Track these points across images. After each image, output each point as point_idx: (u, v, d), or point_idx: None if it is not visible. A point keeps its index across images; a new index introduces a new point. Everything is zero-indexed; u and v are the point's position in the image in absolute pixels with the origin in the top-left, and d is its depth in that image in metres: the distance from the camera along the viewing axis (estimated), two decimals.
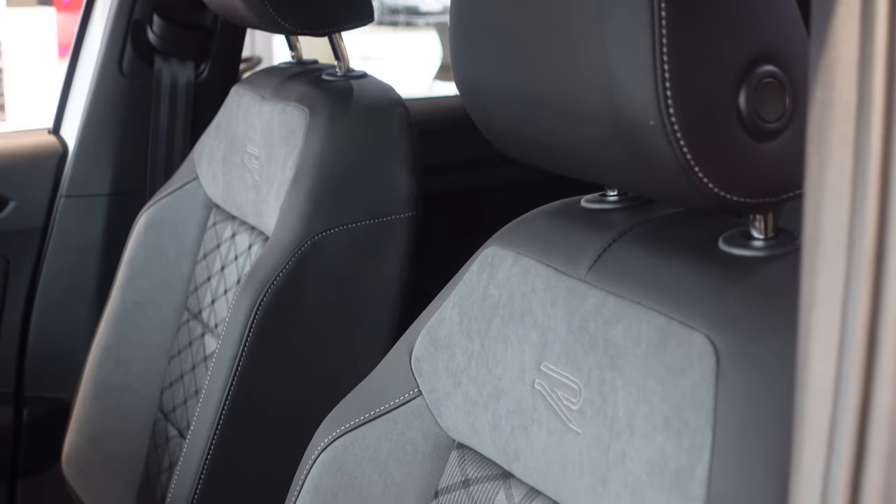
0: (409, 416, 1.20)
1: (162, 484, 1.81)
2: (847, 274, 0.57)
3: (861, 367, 0.57)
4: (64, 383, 2.13)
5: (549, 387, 1.04)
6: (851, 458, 0.56)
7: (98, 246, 2.22)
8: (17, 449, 2.19)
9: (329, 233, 1.61)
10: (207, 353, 1.81)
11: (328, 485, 1.20)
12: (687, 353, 0.92)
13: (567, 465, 1.01)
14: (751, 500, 0.84)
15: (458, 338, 1.16)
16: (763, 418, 0.86)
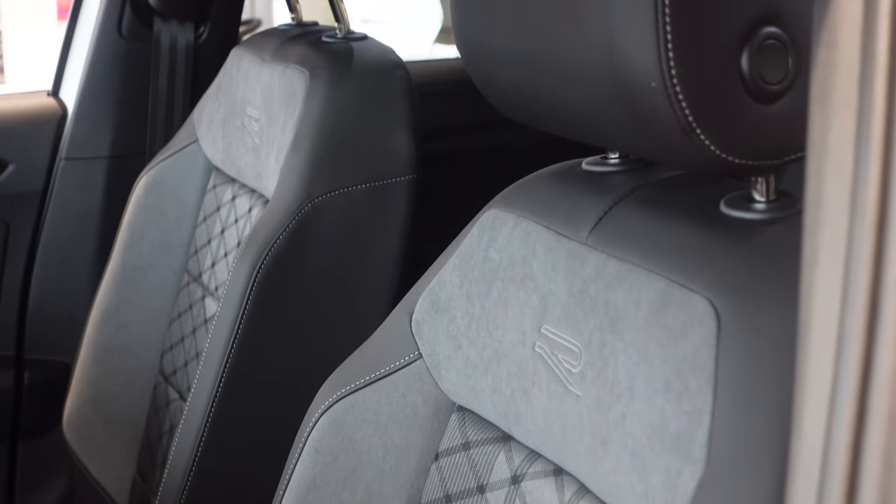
0: (409, 378, 1.20)
1: (163, 446, 1.81)
2: (849, 235, 0.57)
3: (863, 329, 0.56)
4: (64, 346, 2.13)
5: (549, 350, 1.04)
6: (853, 420, 0.56)
7: (98, 209, 2.21)
8: (18, 412, 2.20)
9: (329, 196, 1.61)
10: (208, 315, 1.81)
11: (328, 447, 1.20)
12: (688, 316, 0.92)
13: (567, 428, 1.01)
14: (751, 463, 0.84)
15: (458, 301, 1.16)
16: (764, 380, 0.86)
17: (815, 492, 0.58)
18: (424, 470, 1.19)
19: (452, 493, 1.16)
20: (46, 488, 2.21)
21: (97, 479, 1.91)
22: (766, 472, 0.82)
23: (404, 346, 1.21)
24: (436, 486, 1.18)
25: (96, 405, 1.93)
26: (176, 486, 1.60)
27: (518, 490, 1.09)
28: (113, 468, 1.92)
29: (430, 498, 1.18)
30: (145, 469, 1.85)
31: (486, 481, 1.12)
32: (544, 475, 1.07)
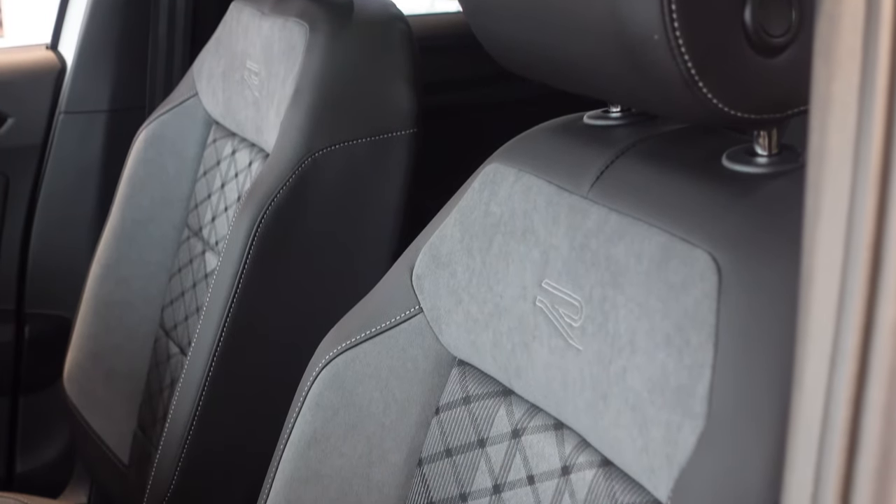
0: (409, 333, 1.20)
1: (163, 400, 1.81)
2: (852, 189, 0.57)
3: (865, 283, 0.56)
4: (64, 301, 2.14)
5: (550, 304, 1.04)
6: (854, 374, 0.56)
7: (97, 163, 2.21)
8: (19, 366, 2.20)
9: (329, 150, 1.60)
10: (208, 270, 1.80)
11: (329, 401, 1.20)
12: (689, 271, 0.91)
13: (568, 382, 1.01)
14: (752, 418, 0.84)
15: (459, 255, 1.16)
16: (765, 335, 0.86)
17: (816, 446, 0.58)
18: (425, 424, 1.19)
19: (453, 446, 1.16)
20: (47, 442, 2.22)
21: (98, 432, 1.91)
22: (767, 427, 0.82)
23: (405, 301, 1.21)
24: (436, 440, 1.18)
25: (97, 359, 1.94)
26: (177, 439, 1.61)
27: (518, 444, 1.09)
28: (113, 422, 1.92)
29: (430, 452, 1.18)
30: (146, 423, 1.86)
31: (487, 435, 1.13)
32: (545, 429, 1.07)
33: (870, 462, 0.56)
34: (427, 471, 1.18)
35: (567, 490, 1.02)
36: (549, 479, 1.05)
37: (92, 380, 1.94)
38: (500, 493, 1.10)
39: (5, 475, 2.20)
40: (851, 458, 0.56)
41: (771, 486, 0.81)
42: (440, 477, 1.16)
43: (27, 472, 2.21)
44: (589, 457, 1.01)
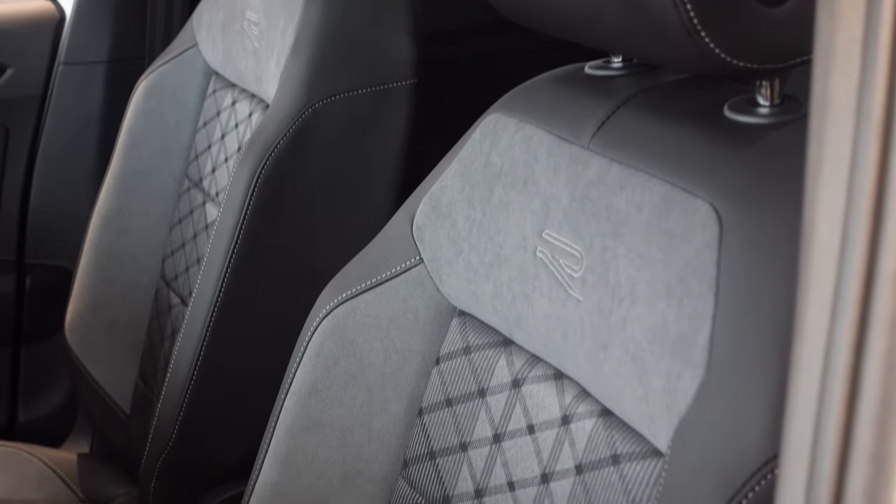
0: (410, 283, 1.20)
1: (164, 351, 1.82)
2: (855, 138, 0.57)
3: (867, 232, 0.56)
4: (65, 251, 2.13)
5: (550, 254, 1.04)
6: (855, 323, 0.56)
7: (97, 114, 2.20)
8: (20, 316, 2.20)
9: (330, 100, 1.60)
10: (208, 221, 1.80)
11: (330, 351, 1.21)
12: (690, 221, 0.91)
13: (568, 333, 1.02)
14: (752, 367, 0.84)
15: (459, 206, 1.16)
16: (766, 285, 0.86)
17: (817, 394, 0.58)
18: (425, 374, 1.20)
19: (453, 396, 1.16)
20: (49, 392, 2.23)
21: (99, 382, 1.92)
22: (767, 376, 0.83)
23: (405, 251, 1.21)
24: (437, 390, 1.18)
25: (98, 310, 1.94)
26: (178, 389, 1.61)
27: (518, 394, 1.09)
28: (115, 372, 1.93)
29: (430, 401, 1.19)
30: (147, 373, 1.86)
31: (487, 385, 1.13)
32: (545, 379, 1.07)
33: (870, 410, 0.56)
34: (427, 420, 1.19)
35: (567, 439, 1.03)
36: (549, 429, 1.05)
37: (93, 330, 1.94)
38: (500, 442, 1.10)
39: (8, 425, 2.21)
40: (852, 406, 0.56)
41: (771, 435, 0.81)
42: (440, 426, 1.17)
43: (29, 422, 2.21)
44: (589, 406, 1.02)
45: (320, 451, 1.21)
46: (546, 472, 1.05)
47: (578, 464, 1.01)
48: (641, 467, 0.95)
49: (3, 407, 2.21)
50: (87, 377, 1.92)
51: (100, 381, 1.92)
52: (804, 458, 0.58)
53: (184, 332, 1.62)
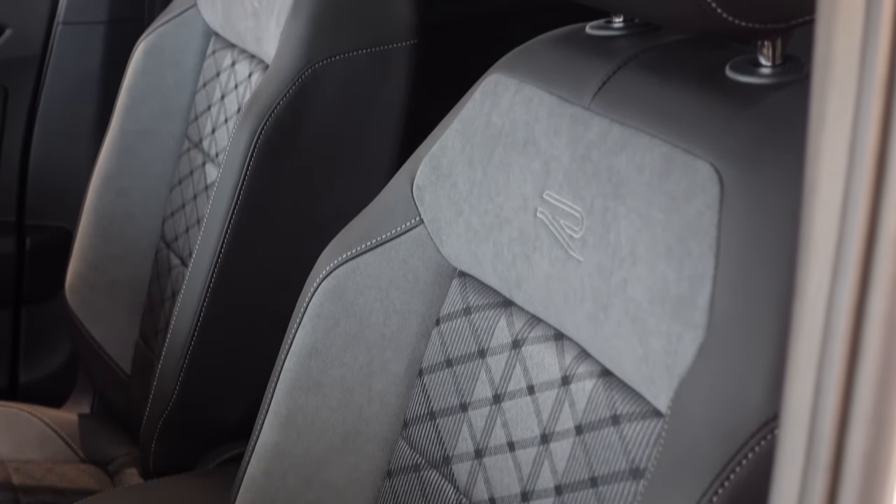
0: (410, 244, 1.20)
1: (165, 312, 1.82)
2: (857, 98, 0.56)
3: (869, 192, 0.56)
4: (65, 212, 2.13)
5: (551, 215, 1.04)
6: (856, 283, 0.56)
7: (97, 74, 2.19)
8: (20, 277, 2.20)
9: (329, 61, 1.59)
10: (208, 182, 1.80)
11: (330, 312, 1.21)
12: (691, 181, 0.91)
13: (568, 293, 1.01)
14: (753, 328, 0.84)
15: (460, 166, 1.15)
16: (767, 246, 0.86)
17: (817, 355, 0.58)
18: (425, 335, 1.20)
19: (453, 357, 1.16)
20: (50, 353, 2.23)
21: (100, 343, 1.92)
22: (768, 337, 0.83)
23: (406, 212, 1.20)
24: (437, 351, 1.18)
25: (98, 271, 1.94)
26: (178, 350, 1.61)
27: (519, 354, 1.09)
28: (115, 333, 1.93)
29: (431, 362, 1.19)
30: (148, 334, 1.86)
31: (487, 346, 1.13)
32: (545, 340, 1.07)
33: (871, 371, 0.56)
34: (427, 381, 1.19)
35: (567, 400, 1.03)
36: (549, 389, 1.05)
37: (94, 291, 1.94)
38: (500, 402, 1.10)
39: (9, 385, 2.22)
40: (852, 367, 0.56)
41: (771, 395, 0.81)
42: (440, 387, 1.17)
43: (30, 383, 2.22)
44: (589, 367, 1.02)
45: (320, 411, 1.21)
46: (546, 432, 1.05)
47: (578, 424, 1.01)
48: (641, 427, 0.95)
49: (4, 368, 2.21)
50: (88, 338, 1.93)
51: (100, 342, 1.92)
52: (804, 418, 0.58)
53: (184, 293, 1.62)
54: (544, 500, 1.03)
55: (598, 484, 0.98)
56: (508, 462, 1.08)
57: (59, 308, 2.01)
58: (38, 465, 1.84)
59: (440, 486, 1.16)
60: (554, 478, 1.03)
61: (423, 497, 1.17)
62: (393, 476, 1.22)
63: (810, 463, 0.58)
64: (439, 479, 1.16)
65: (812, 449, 0.58)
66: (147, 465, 1.70)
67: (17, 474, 1.80)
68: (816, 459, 0.58)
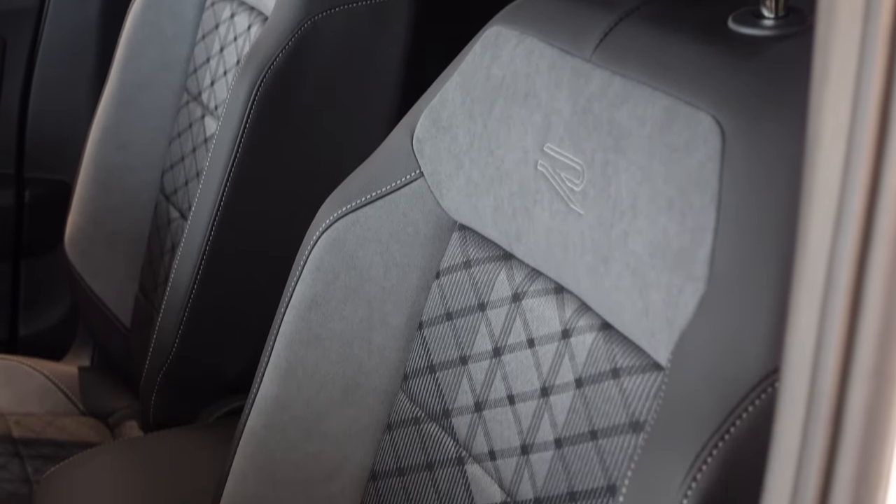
0: (410, 197, 1.19)
1: (164, 265, 1.82)
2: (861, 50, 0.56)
3: (872, 144, 0.56)
4: (64, 165, 2.13)
5: (551, 168, 1.03)
6: (858, 236, 0.56)
7: (95, 25, 2.18)
8: (20, 230, 2.20)
9: (329, 13, 1.58)
10: (208, 134, 1.79)
11: (329, 265, 1.20)
12: (692, 133, 0.91)
13: (568, 246, 1.01)
14: (754, 280, 0.84)
15: (460, 119, 1.15)
16: (768, 198, 0.85)
17: (818, 308, 0.57)
18: (425, 288, 1.20)
19: (453, 310, 1.16)
20: (50, 305, 2.23)
21: (99, 296, 1.92)
22: (769, 290, 0.83)
23: (405, 165, 1.20)
24: (437, 304, 1.18)
25: (97, 224, 1.93)
26: (178, 303, 1.61)
27: (519, 308, 1.09)
28: (115, 286, 1.93)
29: (431, 315, 1.19)
30: (147, 287, 1.86)
31: (487, 299, 1.13)
32: (545, 293, 1.07)
33: (872, 324, 0.56)
34: (427, 334, 1.19)
35: (567, 353, 1.03)
36: (549, 343, 1.05)
37: (93, 244, 1.94)
38: (500, 356, 1.10)
39: (8, 338, 2.22)
40: (854, 321, 0.56)
41: (771, 349, 0.81)
42: (440, 340, 1.17)
43: (30, 335, 2.22)
44: (589, 320, 1.02)
45: (320, 364, 1.21)
46: (546, 385, 1.05)
47: (578, 377, 1.01)
48: (641, 381, 0.95)
49: (3, 321, 2.21)
50: (88, 291, 1.93)
51: (100, 295, 1.92)
52: (805, 372, 0.58)
53: (183, 246, 1.62)
54: (544, 453, 1.04)
55: (598, 437, 0.98)
56: (508, 415, 1.08)
57: (58, 261, 2.01)
58: (38, 418, 1.84)
59: (440, 438, 1.16)
60: (554, 431, 1.03)
61: (423, 450, 1.18)
62: (393, 429, 1.22)
63: (811, 416, 0.58)
64: (439, 431, 1.16)
65: (813, 402, 0.58)
66: (147, 417, 1.70)
67: (18, 427, 1.80)
68: (817, 413, 0.58)
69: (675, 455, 0.84)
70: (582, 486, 0.99)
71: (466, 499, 1.12)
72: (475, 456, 1.12)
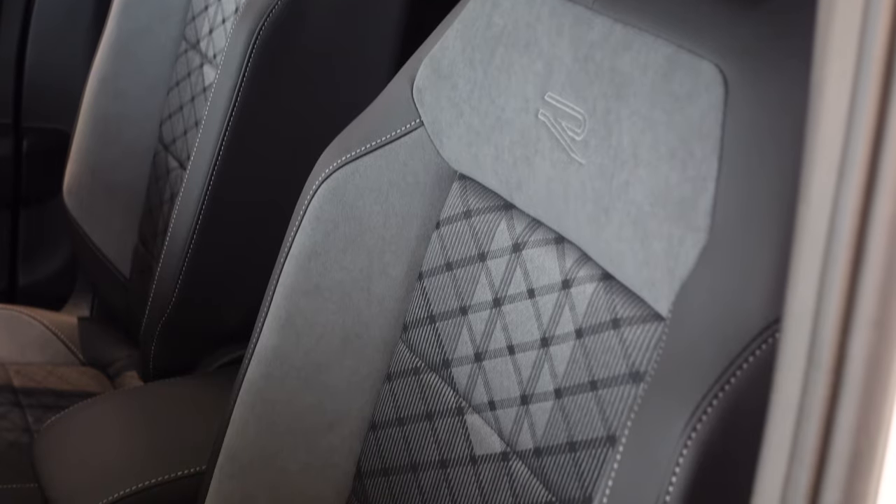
0: (410, 146, 1.19)
1: (163, 215, 1.81)
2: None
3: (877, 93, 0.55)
4: (62, 115, 2.12)
5: (552, 117, 1.03)
6: (862, 186, 0.55)
7: None
8: (19, 179, 2.19)
9: None
10: (206, 83, 1.78)
11: (329, 215, 1.20)
12: (694, 82, 0.90)
13: (569, 196, 1.01)
14: (756, 230, 0.84)
15: (460, 67, 1.14)
16: (771, 147, 0.85)
17: (821, 258, 0.57)
18: (425, 238, 1.19)
19: (453, 260, 1.16)
20: (49, 255, 2.23)
21: (98, 246, 1.92)
22: (771, 241, 0.82)
23: (405, 114, 1.19)
24: (437, 254, 1.18)
25: (96, 173, 1.93)
26: (177, 253, 1.61)
27: (519, 258, 1.09)
28: (114, 236, 1.92)
29: (430, 265, 1.18)
30: (146, 237, 1.86)
31: (487, 249, 1.12)
32: (545, 243, 1.07)
33: (874, 274, 0.55)
34: (427, 284, 1.18)
35: (567, 303, 1.03)
36: (550, 293, 1.05)
37: (92, 194, 1.93)
38: (500, 306, 1.10)
39: (8, 288, 2.22)
40: (856, 271, 0.56)
41: (773, 299, 0.81)
42: (440, 290, 1.17)
43: (30, 285, 2.22)
44: (589, 271, 1.01)
45: (320, 314, 1.21)
46: (546, 335, 1.05)
47: (578, 328, 1.01)
48: (642, 331, 0.95)
49: (3, 270, 2.21)
50: (87, 241, 1.92)
51: (99, 245, 1.92)
52: (806, 322, 0.58)
53: (182, 195, 1.62)
54: (544, 403, 1.04)
55: (598, 387, 0.98)
56: (508, 365, 1.08)
57: (57, 211, 2.00)
58: (39, 368, 1.85)
59: (440, 389, 1.16)
60: (553, 381, 1.03)
61: (423, 400, 1.18)
62: (392, 379, 1.22)
63: (812, 366, 0.58)
64: (439, 382, 1.16)
65: (814, 352, 0.58)
66: (147, 367, 1.70)
67: (18, 377, 1.81)
68: (818, 363, 0.57)
69: (675, 405, 0.83)
70: (581, 437, 0.99)
71: (466, 448, 1.12)
72: (475, 406, 1.12)
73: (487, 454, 1.10)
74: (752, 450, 0.62)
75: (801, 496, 0.58)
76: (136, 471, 1.39)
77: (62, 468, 1.42)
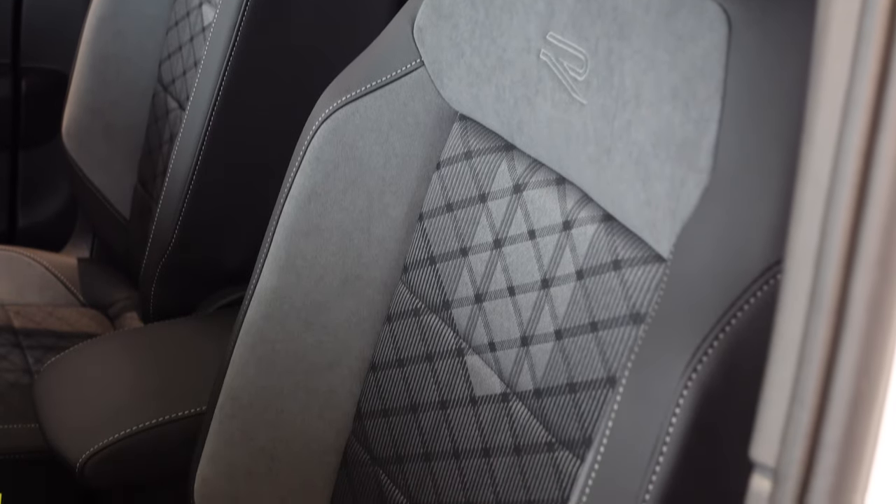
0: (410, 87, 1.18)
1: (163, 155, 1.81)
2: None
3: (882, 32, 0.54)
4: (60, 55, 2.11)
5: (554, 57, 1.02)
6: (866, 126, 0.55)
7: None
8: (17, 120, 2.18)
9: None
10: (205, 23, 1.77)
11: (329, 156, 1.19)
12: (698, 21, 0.89)
13: (571, 137, 1.00)
14: (758, 173, 0.83)
15: (461, 6, 1.13)
16: (775, 87, 0.84)
17: (824, 198, 0.57)
18: (426, 178, 1.19)
19: (454, 201, 1.15)
20: (48, 197, 2.22)
21: (98, 187, 1.91)
22: (773, 182, 0.82)
23: (406, 54, 1.18)
24: (437, 195, 1.18)
25: (95, 114, 1.92)
26: (177, 194, 1.61)
27: (520, 199, 1.09)
28: (114, 177, 1.92)
29: (431, 206, 1.18)
30: (146, 178, 1.86)
31: (488, 190, 1.12)
32: (546, 184, 1.06)
33: (878, 215, 0.55)
34: (427, 225, 1.18)
35: (568, 245, 1.02)
36: (550, 234, 1.05)
37: (91, 135, 1.93)
38: (500, 247, 1.10)
39: (8, 229, 2.22)
40: (859, 212, 0.56)
41: (775, 240, 0.80)
42: (441, 231, 1.16)
43: (29, 226, 2.22)
44: (590, 212, 1.01)
45: (320, 255, 1.21)
46: (546, 277, 1.04)
47: (579, 269, 1.01)
48: (643, 272, 0.94)
49: (2, 211, 2.21)
50: (86, 182, 1.92)
51: (98, 186, 1.91)
52: (809, 262, 0.58)
53: (181, 136, 1.61)
54: (544, 344, 1.04)
55: (598, 329, 0.98)
56: (508, 306, 1.08)
57: (56, 152, 1.99)
58: (39, 309, 1.85)
59: (440, 330, 1.16)
60: (554, 322, 1.03)
61: (423, 341, 1.18)
62: (392, 320, 1.22)
63: (814, 307, 0.58)
64: (439, 323, 1.16)
65: (816, 293, 0.57)
66: (147, 308, 1.70)
67: (18, 317, 1.81)
68: (820, 303, 0.57)
69: (675, 347, 0.83)
70: (581, 378, 0.99)
71: (466, 390, 1.12)
72: (475, 347, 1.12)
73: (487, 395, 1.10)
74: (753, 391, 0.62)
75: (802, 435, 0.58)
76: (136, 411, 1.40)
77: (62, 408, 1.43)
